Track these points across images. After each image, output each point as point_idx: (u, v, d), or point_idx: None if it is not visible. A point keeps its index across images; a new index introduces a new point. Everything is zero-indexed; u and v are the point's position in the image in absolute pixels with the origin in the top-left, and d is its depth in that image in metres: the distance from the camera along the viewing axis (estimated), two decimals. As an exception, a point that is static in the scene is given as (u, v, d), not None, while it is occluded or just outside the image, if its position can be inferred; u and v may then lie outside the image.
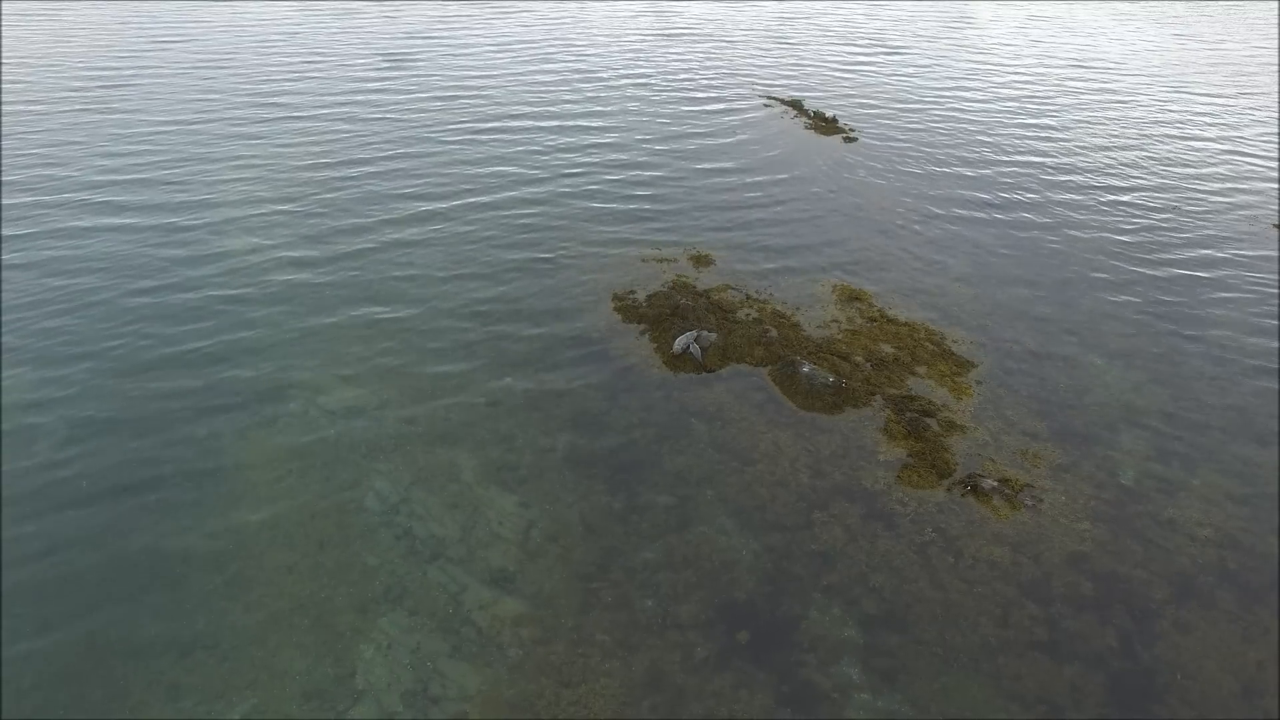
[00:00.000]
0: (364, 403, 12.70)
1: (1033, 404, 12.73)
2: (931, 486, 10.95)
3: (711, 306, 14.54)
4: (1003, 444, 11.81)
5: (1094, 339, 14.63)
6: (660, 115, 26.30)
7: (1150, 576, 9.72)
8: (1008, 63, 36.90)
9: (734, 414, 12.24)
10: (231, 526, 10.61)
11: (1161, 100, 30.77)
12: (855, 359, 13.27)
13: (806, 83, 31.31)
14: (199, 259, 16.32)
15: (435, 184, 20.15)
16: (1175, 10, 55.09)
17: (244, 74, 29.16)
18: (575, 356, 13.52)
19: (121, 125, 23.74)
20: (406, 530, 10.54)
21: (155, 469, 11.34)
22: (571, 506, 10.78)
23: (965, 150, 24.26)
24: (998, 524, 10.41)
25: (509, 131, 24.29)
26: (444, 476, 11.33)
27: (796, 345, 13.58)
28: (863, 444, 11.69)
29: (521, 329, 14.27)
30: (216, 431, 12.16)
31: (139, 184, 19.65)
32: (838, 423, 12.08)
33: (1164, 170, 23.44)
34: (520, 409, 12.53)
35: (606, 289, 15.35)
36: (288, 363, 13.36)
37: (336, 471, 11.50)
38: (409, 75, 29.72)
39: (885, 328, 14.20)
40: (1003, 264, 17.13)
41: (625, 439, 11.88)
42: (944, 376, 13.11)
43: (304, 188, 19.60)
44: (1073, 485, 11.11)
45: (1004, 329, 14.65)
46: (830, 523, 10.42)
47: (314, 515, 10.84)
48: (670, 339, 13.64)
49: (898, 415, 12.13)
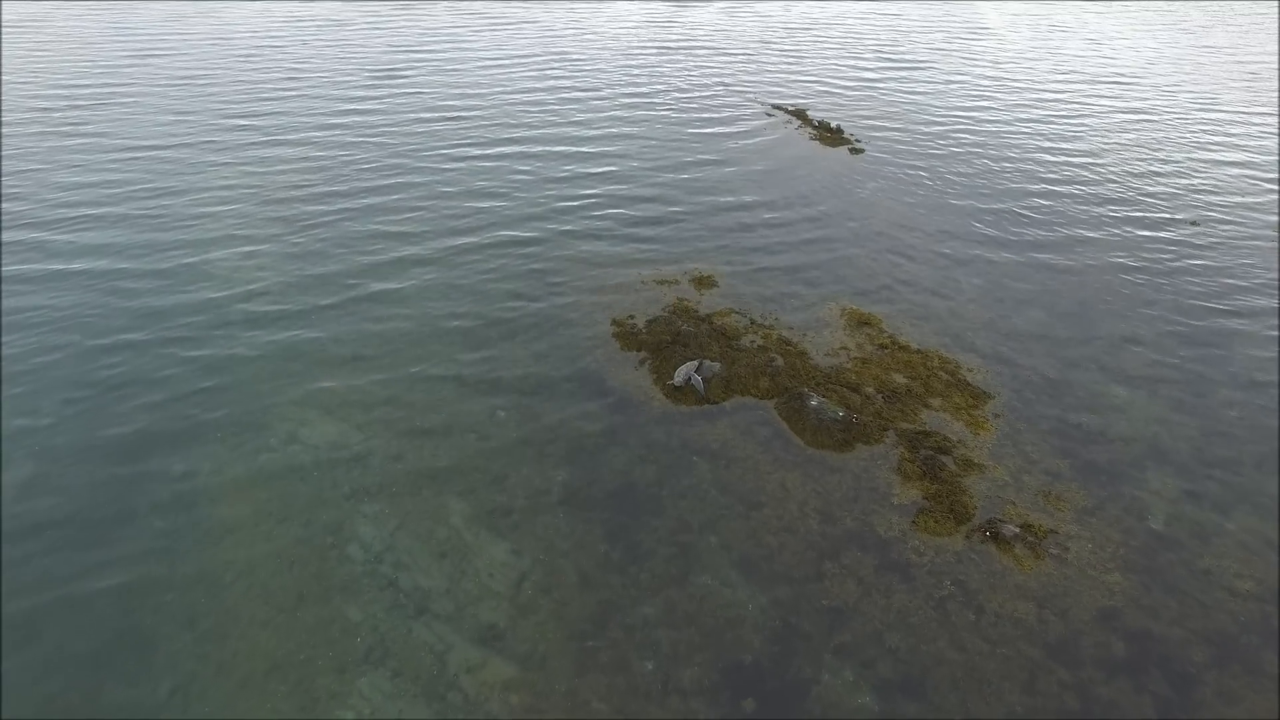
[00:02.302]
0: (349, 438, 12.08)
1: (1054, 439, 12.06)
2: (949, 533, 10.28)
3: (714, 333, 13.88)
4: (1023, 484, 11.15)
5: (1115, 366, 13.95)
6: (660, 128, 25.63)
7: (1188, 636, 9.04)
8: (1020, 73, 36.23)
9: (739, 452, 11.59)
10: (205, 574, 9.99)
11: (1181, 113, 29.81)
12: (866, 390, 12.61)
13: (810, 92, 30.67)
14: (174, 289, 15.69)
15: (425, 207, 19.35)
16: (1195, 17, 54.38)
17: (224, 91, 28.08)
18: (571, 388, 12.88)
19: (87, 151, 22.38)
20: (391, 581, 9.91)
21: (126, 509, 10.72)
22: (566, 555, 10.14)
23: (975, 162, 23.57)
24: (1021, 576, 9.75)
25: (502, 149, 23.66)
26: (432, 520, 10.69)
27: (804, 375, 12.92)
28: (875, 485, 11.03)
29: (515, 356, 13.63)
30: (193, 469, 11.54)
31: (101, 220, 18.22)
32: (848, 461, 11.42)
33: (1183, 186, 22.69)
34: (513, 445, 11.89)
35: (604, 314, 14.69)
36: (271, 397, 12.73)
37: (318, 514, 10.88)
38: (398, 93, 28.63)
39: (897, 355, 13.54)
40: (1017, 285, 16.45)
41: (624, 479, 11.24)
42: (959, 409, 12.45)
43: (285, 216, 18.71)
44: (1100, 531, 10.43)
45: (1021, 356, 13.98)
46: (842, 574, 9.76)
47: (293, 563, 10.21)
48: (671, 368, 12.98)
49: (912, 453, 11.47)
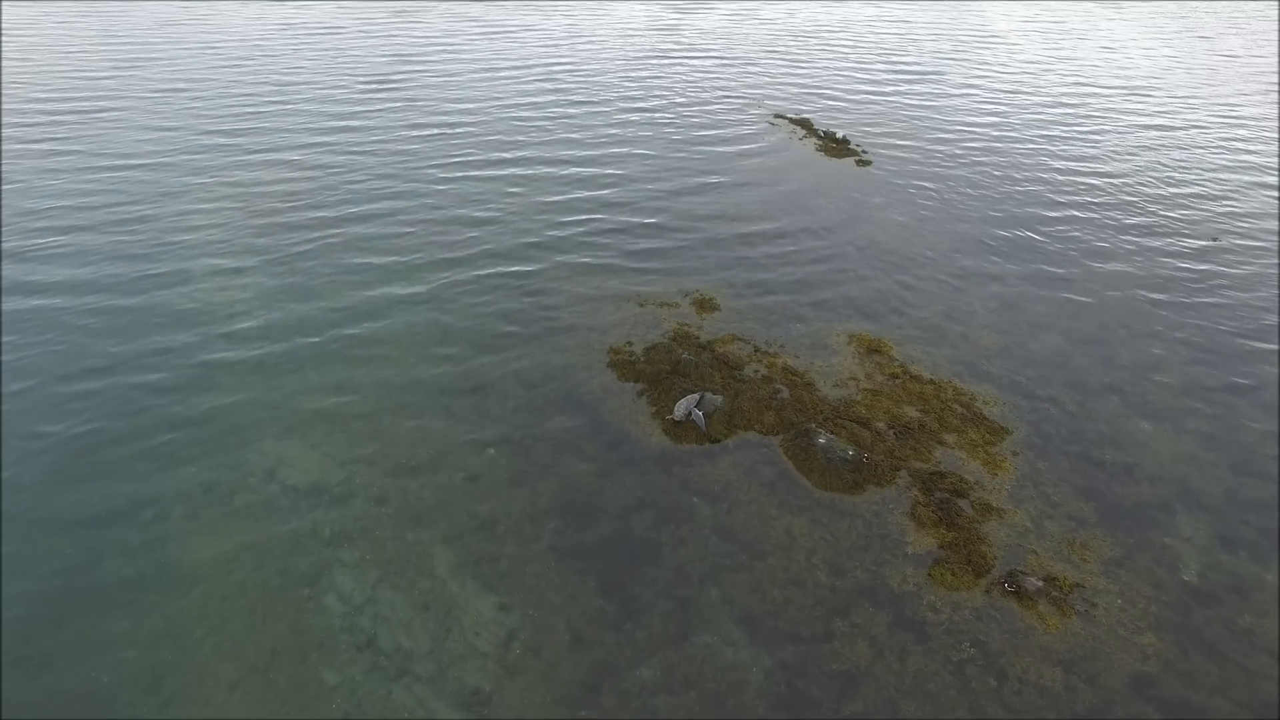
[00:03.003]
0: (330, 477, 11.44)
1: (1076, 479, 11.36)
2: (968, 587, 9.60)
3: (716, 362, 13.22)
4: (1046, 531, 10.45)
5: (1139, 397, 13.25)
6: (660, 140, 24.98)
7: (1232, 708, 8.34)
8: (1031, 82, 35.49)
9: (742, 494, 10.92)
10: (173, 629, 9.36)
11: (1199, 125, 28.76)
12: (876, 425, 11.94)
13: (815, 101, 30.01)
14: (150, 319, 15.05)
15: (414, 229, 18.59)
16: (1208, 21, 53.59)
17: (210, 103, 27.15)
18: (565, 423, 12.23)
19: (63, 169, 21.23)
20: (370, 639, 9.26)
21: (91, 556, 10.09)
22: (558, 610, 9.48)
23: (986, 176, 22.87)
24: (1046, 636, 9.06)
25: (496, 166, 23.05)
26: (415, 570, 10.05)
27: (811, 409, 12.25)
28: (887, 532, 10.35)
29: (507, 389, 12.98)
30: (165, 511, 10.92)
31: (73, 245, 17.18)
32: (859, 505, 10.75)
33: (1204, 204, 21.89)
34: (503, 485, 11.24)
35: (601, 341, 14.04)
36: (250, 432, 12.10)
37: (296, 561, 10.24)
38: (390, 104, 27.79)
39: (909, 387, 12.86)
40: (1033, 308, 15.75)
41: (620, 524, 10.58)
42: (975, 446, 11.76)
43: (268, 241, 17.83)
44: (1129, 584, 9.74)
45: (1039, 386, 13.29)
46: (853, 634, 9.09)
47: (266, 617, 9.57)
48: (670, 401, 12.33)
49: (926, 496, 10.79)
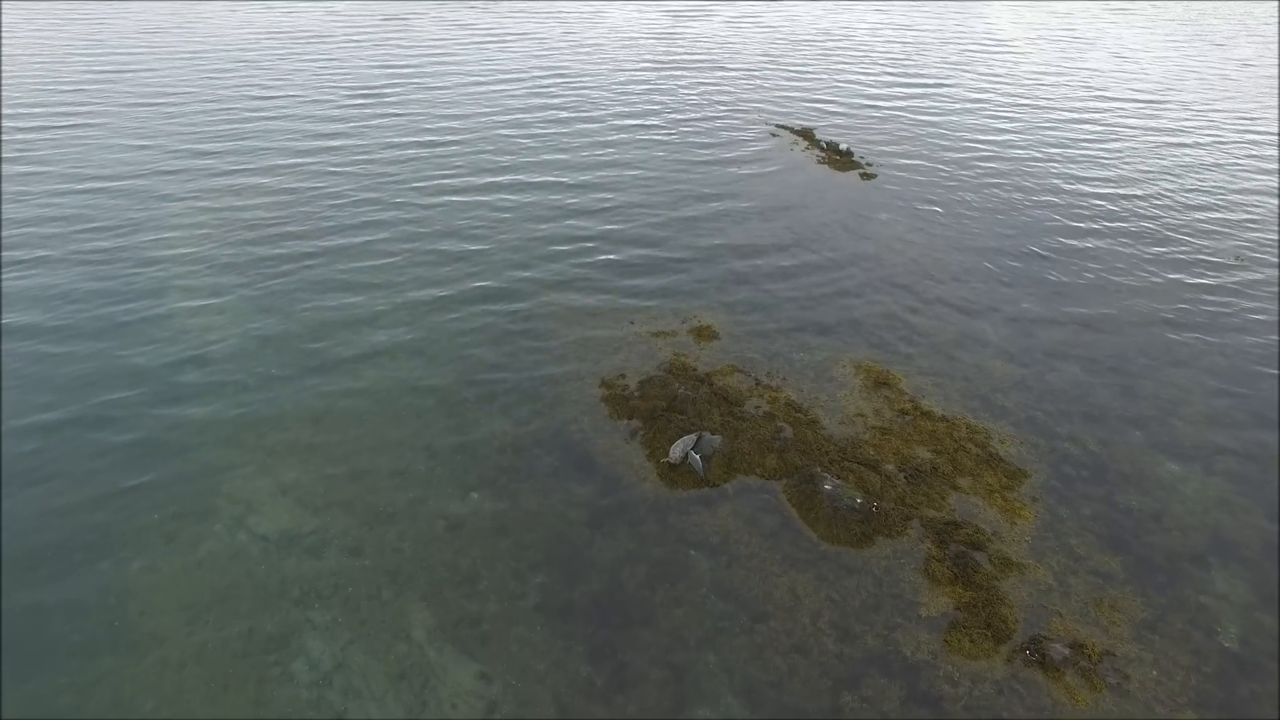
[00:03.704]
0: (303, 526, 10.70)
1: (1100, 528, 10.60)
2: (988, 655, 8.85)
3: (714, 397, 12.47)
4: (1070, 589, 9.70)
5: (1164, 433, 12.50)
6: (656, 156, 24.19)
7: (1281, 803, 7.60)
8: (1041, 91, 34.71)
9: (742, 547, 10.17)
10: (123, 701, 8.63)
11: (1216, 135, 27.89)
12: (886, 468, 11.19)
13: (816, 112, 29.26)
14: (117, 348, 14.24)
15: (398, 253, 17.64)
16: (1219, 26, 52.82)
17: (191, 114, 25.79)
18: (554, 464, 11.48)
19: (32, 182, 20.19)
20: (339, 714, 8.52)
21: (39, 621, 9.35)
22: (543, 679, 8.74)
23: (995, 192, 22.10)
24: (1075, 712, 8.31)
25: (485, 184, 22.28)
26: (391, 633, 9.31)
27: (815, 450, 11.50)
28: (899, 591, 9.60)
29: (493, 427, 12.24)
30: (124, 564, 10.18)
31: (38, 266, 16.27)
32: (868, 560, 9.99)
33: (1224, 221, 21.04)
34: (487, 535, 10.50)
35: (593, 372, 13.29)
36: (218, 474, 11.36)
37: (262, 621, 9.51)
38: (376, 116, 26.65)
39: (919, 425, 12.10)
40: (1049, 334, 14.99)
41: (611, 581, 9.83)
42: (992, 492, 11.01)
43: (244, 263, 16.76)
44: (1164, 651, 8.98)
45: (1057, 422, 12.53)
46: (863, 708, 8.34)
47: (228, 686, 8.84)
48: (666, 441, 11.57)
49: (940, 549, 10.03)
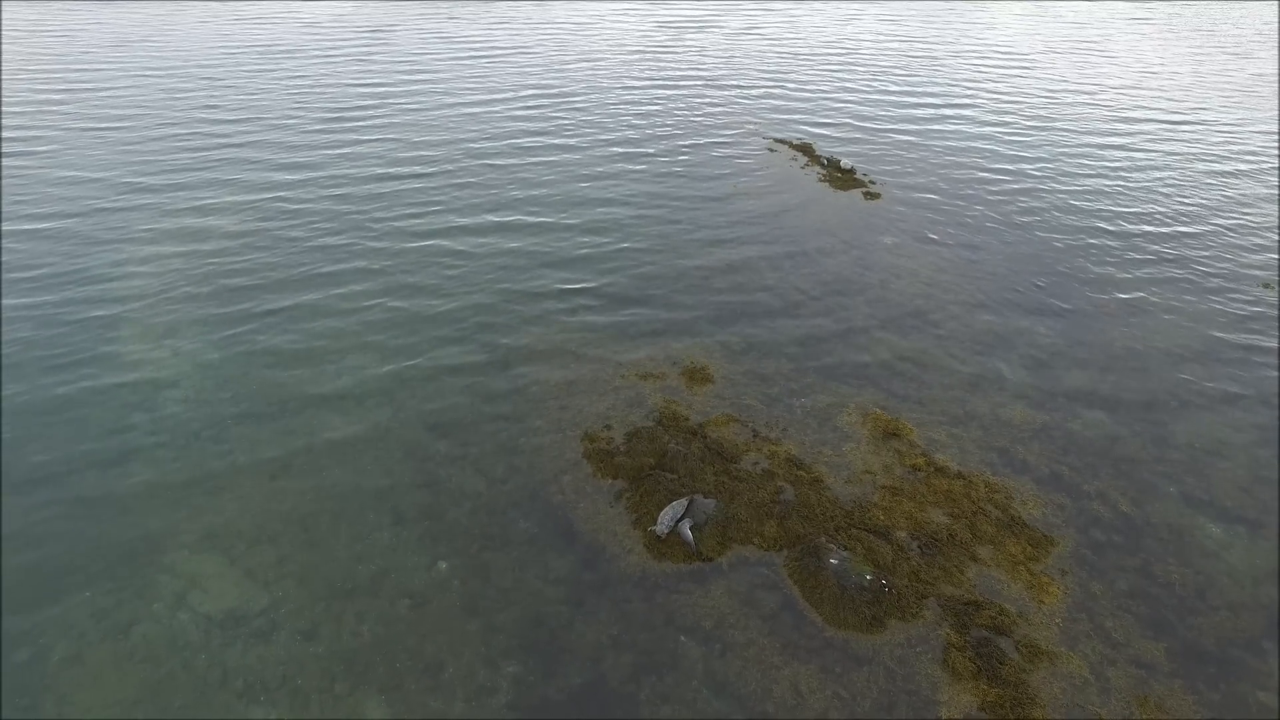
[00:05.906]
0: (251, 604, 9.62)
1: (1139, 607, 9.49)
2: (1019, 770, 7.75)
3: (708, 452, 11.38)
4: (1110, 684, 8.59)
5: (1201, 489, 11.38)
6: (647, 175, 23.07)
7: None
8: (1051, 108, 33.70)
9: (738, 633, 9.07)
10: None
11: (1250, 154, 26.64)
12: (898, 536, 10.09)
13: (817, 126, 28.23)
14: (61, 403, 13.22)
15: (368, 291, 16.20)
16: (1234, 33, 51.78)
17: (154, 137, 23.94)
18: (531, 531, 10.40)
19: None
20: (273, 842, 7.44)
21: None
22: (510, 800, 7.65)
23: (1005, 212, 21.01)
24: (1121, 844, 7.19)
25: (465, 216, 21.27)
26: (339, 739, 8.23)
27: (820, 514, 10.41)
28: (915, 688, 8.49)
29: (464, 484, 11.15)
30: (43, 651, 9.08)
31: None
32: (880, 648, 8.89)
33: (1257, 245, 19.87)
34: (455, 614, 9.41)
35: (574, 422, 12.20)
36: (159, 541, 10.28)
37: (197, 722, 8.43)
38: (352, 142, 25.23)
39: (933, 483, 11.00)
40: (1071, 373, 13.89)
41: (592, 672, 8.73)
42: (1016, 563, 9.90)
43: (203, 313, 15.40)
44: (1219, 764, 7.88)
45: (1085, 478, 11.43)
46: (877, 839, 7.23)
47: (152, 806, 7.77)
48: (654, 507, 10.47)
49: (961, 635, 8.93)
